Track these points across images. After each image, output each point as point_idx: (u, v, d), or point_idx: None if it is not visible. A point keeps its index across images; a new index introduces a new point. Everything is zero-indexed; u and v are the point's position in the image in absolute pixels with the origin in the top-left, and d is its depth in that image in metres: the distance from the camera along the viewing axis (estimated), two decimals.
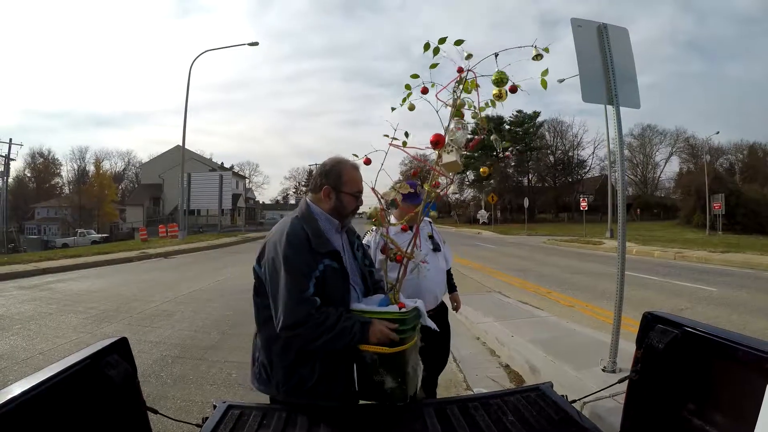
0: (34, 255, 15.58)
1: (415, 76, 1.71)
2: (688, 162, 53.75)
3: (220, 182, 32.74)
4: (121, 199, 54.83)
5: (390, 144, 1.73)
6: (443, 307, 2.64)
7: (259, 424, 1.40)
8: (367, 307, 1.59)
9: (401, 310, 1.54)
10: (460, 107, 1.68)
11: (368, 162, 1.72)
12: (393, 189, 1.75)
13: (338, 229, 1.71)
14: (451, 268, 2.82)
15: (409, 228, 1.84)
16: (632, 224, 35.55)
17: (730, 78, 77.57)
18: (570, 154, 55.55)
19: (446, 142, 1.65)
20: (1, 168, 31.86)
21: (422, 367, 1.65)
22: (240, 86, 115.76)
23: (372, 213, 1.76)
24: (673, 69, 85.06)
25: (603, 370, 3.45)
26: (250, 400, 3.32)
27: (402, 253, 1.73)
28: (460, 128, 1.68)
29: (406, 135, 1.76)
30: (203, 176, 34.84)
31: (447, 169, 1.69)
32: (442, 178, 1.76)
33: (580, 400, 1.64)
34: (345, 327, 1.46)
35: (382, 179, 1.71)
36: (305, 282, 1.47)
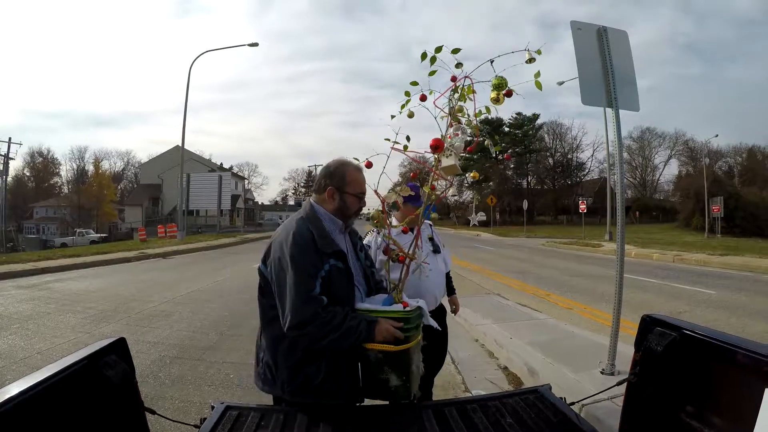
0: (33, 254, 15.56)
1: (414, 83, 1.74)
2: (687, 165, 53.90)
3: (219, 183, 32.73)
4: (120, 199, 54.81)
5: (392, 148, 1.76)
6: (442, 309, 2.66)
7: (257, 425, 1.40)
8: (372, 306, 1.61)
9: (406, 309, 1.56)
10: (458, 111, 1.71)
11: (369, 165, 1.75)
12: (394, 191, 1.77)
13: (342, 230, 1.72)
14: (450, 270, 2.84)
15: (410, 230, 1.86)
16: (631, 227, 35.66)
17: (730, 81, 77.83)
18: (569, 156, 55.68)
19: (445, 147, 1.68)
20: (0, 167, 31.82)
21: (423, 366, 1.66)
22: (240, 87, 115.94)
23: (374, 215, 1.79)
24: (673, 71, 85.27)
25: (602, 372, 3.45)
26: (248, 400, 3.32)
27: (404, 254, 1.75)
28: (458, 134, 1.70)
29: (408, 139, 1.79)
30: (202, 177, 34.83)
31: (446, 172, 1.72)
32: (441, 180, 1.78)
33: (578, 402, 1.64)
34: (351, 326, 1.48)
35: (383, 182, 1.75)
36: (312, 281, 1.48)
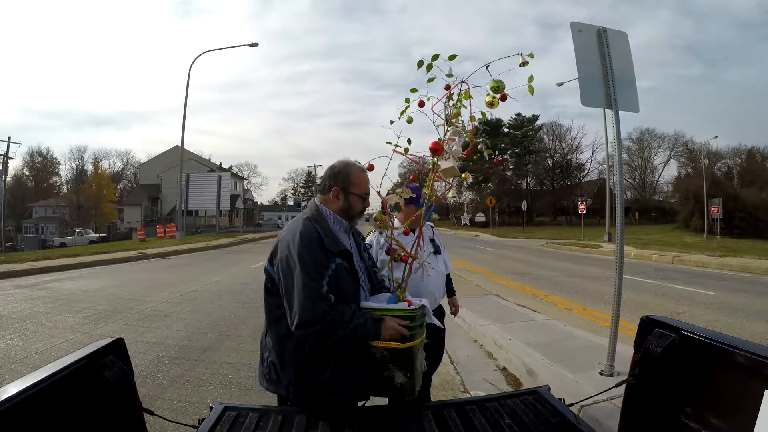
0: (32, 254, 15.57)
1: (413, 90, 1.80)
2: (686, 166, 54.05)
3: (218, 183, 32.74)
4: (119, 198, 54.78)
5: (393, 150, 1.81)
6: (440, 310, 2.67)
7: (255, 425, 1.40)
8: (377, 304, 1.64)
9: (411, 308, 1.59)
10: (454, 117, 1.76)
11: (371, 168, 1.79)
12: (395, 193, 1.80)
13: (347, 230, 1.75)
14: (450, 272, 2.87)
15: (411, 231, 1.90)
16: (630, 228, 35.69)
17: (729, 82, 78.10)
18: (569, 157, 55.68)
19: (443, 150, 1.72)
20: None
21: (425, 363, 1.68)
22: (240, 87, 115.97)
23: (377, 216, 1.82)
24: (672, 73, 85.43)
25: (600, 373, 3.45)
26: (246, 401, 3.33)
27: (407, 254, 1.78)
28: (454, 138, 1.74)
29: (409, 142, 1.83)
30: (202, 177, 34.84)
31: (445, 174, 1.76)
32: (440, 182, 1.83)
33: (577, 403, 1.63)
34: (359, 324, 1.50)
35: (384, 183, 1.80)
36: (320, 280, 1.50)
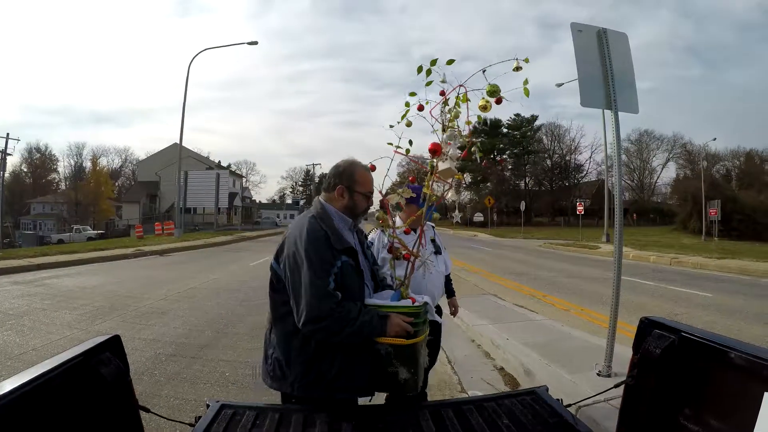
0: (30, 250, 15.52)
1: (412, 94, 1.83)
2: (684, 168, 54.17)
3: (216, 181, 32.68)
4: (117, 195, 54.67)
5: (395, 151, 1.85)
6: (438, 310, 2.67)
7: (252, 424, 1.39)
8: (381, 301, 1.66)
9: (415, 305, 1.62)
10: (451, 121, 1.80)
11: (373, 168, 1.82)
12: (396, 193, 1.83)
13: (351, 228, 1.77)
14: (450, 273, 2.91)
15: (413, 230, 1.93)
16: (629, 229, 35.73)
17: (729, 84, 78.24)
18: (567, 158, 55.75)
19: (442, 152, 1.76)
20: None
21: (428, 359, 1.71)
22: (239, 85, 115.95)
23: (379, 215, 1.86)
24: (672, 74, 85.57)
25: (598, 374, 3.45)
26: (243, 398, 3.32)
27: (409, 252, 1.81)
28: (450, 143, 1.77)
29: (410, 143, 1.87)
30: (200, 174, 34.78)
31: (444, 175, 1.80)
32: (439, 183, 1.85)
33: (575, 404, 1.63)
34: (366, 320, 1.52)
35: (385, 183, 1.85)
36: (326, 277, 1.51)
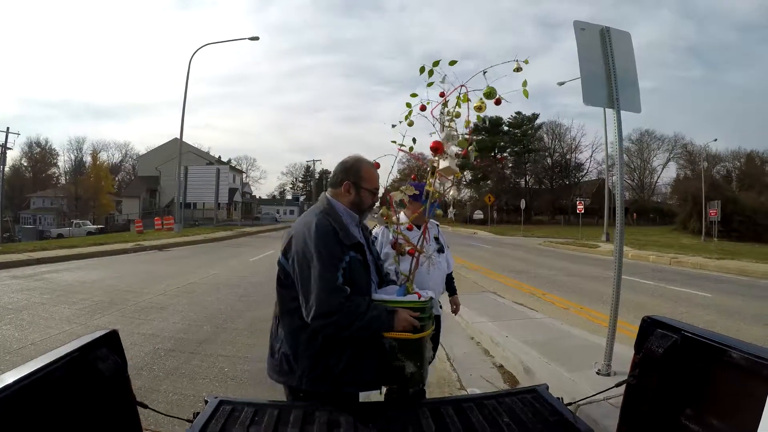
0: (29, 245, 15.52)
1: (414, 95, 1.86)
2: (685, 168, 54.16)
3: (216, 176, 32.67)
4: (117, 190, 54.58)
5: (399, 149, 1.88)
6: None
7: (250, 420, 1.38)
8: (388, 296, 1.68)
9: (421, 300, 1.64)
10: (451, 121, 1.82)
11: (378, 166, 1.84)
12: (400, 191, 1.84)
13: (357, 224, 1.77)
14: (452, 272, 2.94)
15: (416, 227, 1.97)
16: (628, 228, 35.71)
17: (730, 85, 78.09)
18: (568, 157, 55.70)
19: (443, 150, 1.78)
20: None
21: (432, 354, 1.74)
22: (240, 80, 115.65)
23: (383, 211, 1.88)
24: (673, 74, 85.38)
25: (597, 373, 3.45)
26: (242, 394, 3.32)
27: (414, 247, 1.83)
28: (448, 143, 1.79)
29: (414, 141, 1.90)
30: (200, 169, 34.76)
31: (445, 173, 1.82)
32: (439, 180, 1.88)
33: (575, 402, 1.62)
34: (375, 315, 1.54)
35: (385, 180, 1.87)
36: (335, 272, 1.53)
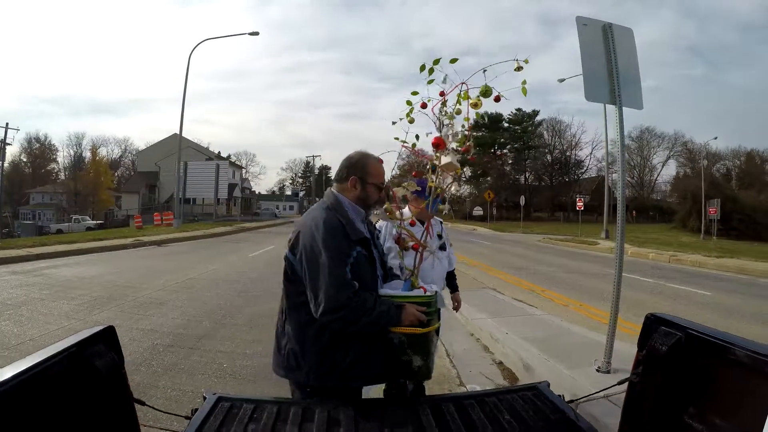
0: (28, 240, 15.51)
1: (414, 93, 1.87)
2: (685, 166, 54.08)
3: (216, 171, 32.61)
4: (116, 186, 54.46)
5: (402, 145, 1.89)
6: None
7: (249, 417, 1.37)
8: (394, 291, 1.69)
9: (427, 294, 1.65)
10: (451, 119, 1.85)
11: (381, 162, 1.85)
12: (402, 186, 1.85)
13: (363, 219, 1.77)
14: (454, 269, 2.96)
15: (420, 222, 1.99)
16: (628, 226, 35.48)
17: (730, 84, 77.91)
18: (568, 153, 55.48)
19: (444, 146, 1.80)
20: None
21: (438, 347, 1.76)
22: (240, 76, 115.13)
23: (387, 207, 1.88)
24: (674, 73, 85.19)
25: (597, 370, 3.44)
26: (241, 390, 3.31)
27: (418, 242, 1.85)
28: (449, 144, 1.81)
29: (417, 138, 1.90)
30: (200, 165, 34.73)
31: (446, 169, 1.82)
32: (441, 176, 1.88)
33: (576, 400, 1.61)
34: (383, 310, 1.54)
35: (387, 176, 1.87)
36: (343, 267, 1.53)
